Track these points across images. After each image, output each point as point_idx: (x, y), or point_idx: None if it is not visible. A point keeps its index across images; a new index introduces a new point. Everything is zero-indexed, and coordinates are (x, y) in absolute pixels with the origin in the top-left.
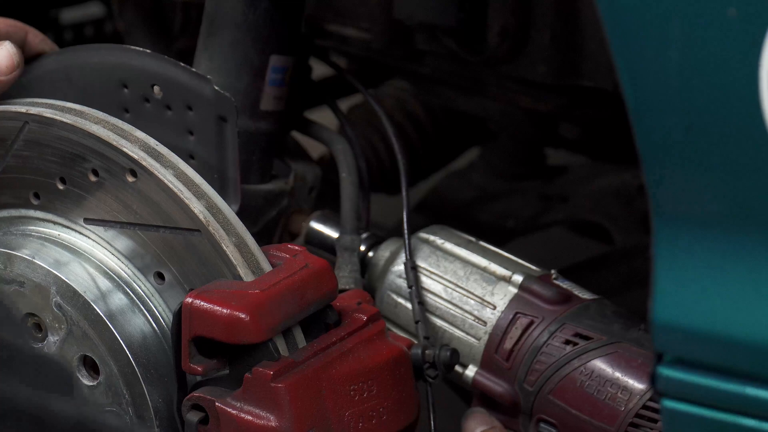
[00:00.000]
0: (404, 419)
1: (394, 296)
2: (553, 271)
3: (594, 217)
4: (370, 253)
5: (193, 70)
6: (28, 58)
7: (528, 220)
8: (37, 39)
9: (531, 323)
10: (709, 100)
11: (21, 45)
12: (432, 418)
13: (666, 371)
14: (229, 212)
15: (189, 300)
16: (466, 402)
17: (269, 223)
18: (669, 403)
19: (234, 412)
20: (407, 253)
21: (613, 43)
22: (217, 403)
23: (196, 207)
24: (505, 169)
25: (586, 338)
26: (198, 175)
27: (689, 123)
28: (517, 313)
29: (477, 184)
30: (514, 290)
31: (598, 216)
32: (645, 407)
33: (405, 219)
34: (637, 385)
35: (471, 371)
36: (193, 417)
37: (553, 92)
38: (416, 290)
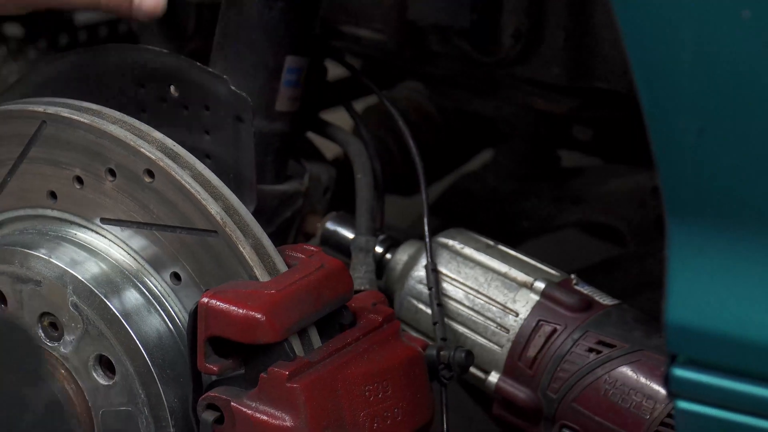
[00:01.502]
0: (419, 420)
1: (415, 302)
2: (572, 276)
3: (607, 219)
4: (387, 256)
5: (210, 70)
6: None
7: (541, 221)
8: None
9: (554, 331)
10: (722, 102)
11: None
12: (445, 418)
13: (679, 372)
14: (245, 213)
15: (205, 300)
16: (480, 404)
17: (284, 224)
18: (682, 404)
19: (249, 411)
20: (428, 256)
21: (628, 44)
22: (232, 403)
23: (213, 208)
24: (518, 171)
25: (609, 346)
26: (215, 176)
27: (703, 124)
28: (539, 320)
29: (490, 186)
30: (536, 297)
31: (611, 218)
32: (670, 415)
33: (426, 222)
34: (662, 392)
35: (494, 377)
36: (208, 416)
37: (567, 94)
38: (436, 292)
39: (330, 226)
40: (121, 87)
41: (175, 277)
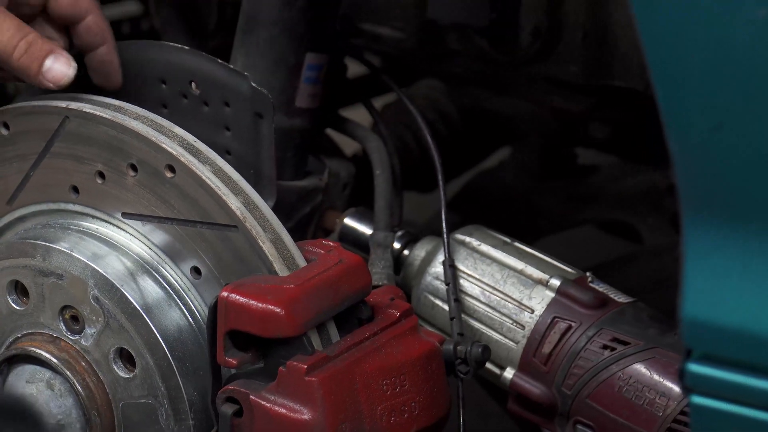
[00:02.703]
0: (435, 414)
1: (431, 297)
2: (588, 274)
3: (623, 217)
4: (405, 252)
5: (231, 66)
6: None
7: (557, 218)
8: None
9: (569, 328)
10: (740, 98)
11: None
12: (462, 413)
13: (694, 367)
14: (265, 208)
15: (225, 294)
16: (496, 399)
17: (303, 219)
18: (697, 399)
19: (268, 405)
20: (446, 252)
21: (645, 41)
22: (251, 396)
23: (234, 203)
24: (535, 168)
25: (624, 343)
26: (235, 172)
27: (720, 120)
28: (555, 317)
29: (507, 183)
30: (551, 294)
31: (627, 215)
32: (683, 412)
33: (443, 218)
34: (675, 390)
35: (509, 373)
36: (227, 409)
37: (584, 92)
38: (453, 288)
39: (349, 221)
40: (142, 83)
41: (195, 271)
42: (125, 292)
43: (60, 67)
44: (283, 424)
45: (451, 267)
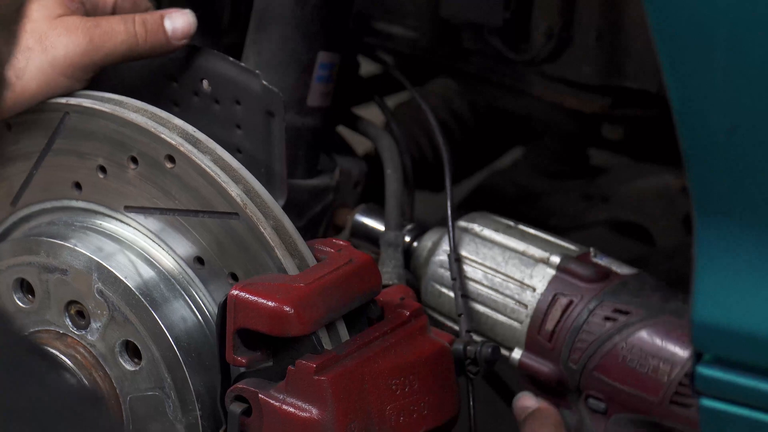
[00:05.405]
0: (445, 414)
1: (438, 286)
2: (591, 249)
3: (635, 218)
4: (415, 243)
5: (242, 64)
6: None
7: (570, 219)
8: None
9: (570, 303)
10: (754, 101)
11: None
12: (472, 414)
13: (705, 371)
14: (266, 195)
15: (234, 292)
16: (505, 399)
17: (315, 218)
18: (708, 403)
19: (277, 404)
20: (452, 243)
21: (658, 42)
22: (260, 395)
23: (234, 191)
24: (548, 168)
25: (625, 313)
26: (235, 160)
27: (734, 123)
28: (556, 294)
29: (520, 183)
30: (552, 271)
31: (639, 217)
32: (687, 375)
33: (449, 210)
34: (679, 355)
35: (517, 354)
36: (236, 408)
37: (597, 93)
38: (459, 282)
39: (359, 217)
40: (153, 81)
41: (198, 261)
42: (129, 285)
43: (180, 20)
44: (292, 423)
45: (456, 261)
